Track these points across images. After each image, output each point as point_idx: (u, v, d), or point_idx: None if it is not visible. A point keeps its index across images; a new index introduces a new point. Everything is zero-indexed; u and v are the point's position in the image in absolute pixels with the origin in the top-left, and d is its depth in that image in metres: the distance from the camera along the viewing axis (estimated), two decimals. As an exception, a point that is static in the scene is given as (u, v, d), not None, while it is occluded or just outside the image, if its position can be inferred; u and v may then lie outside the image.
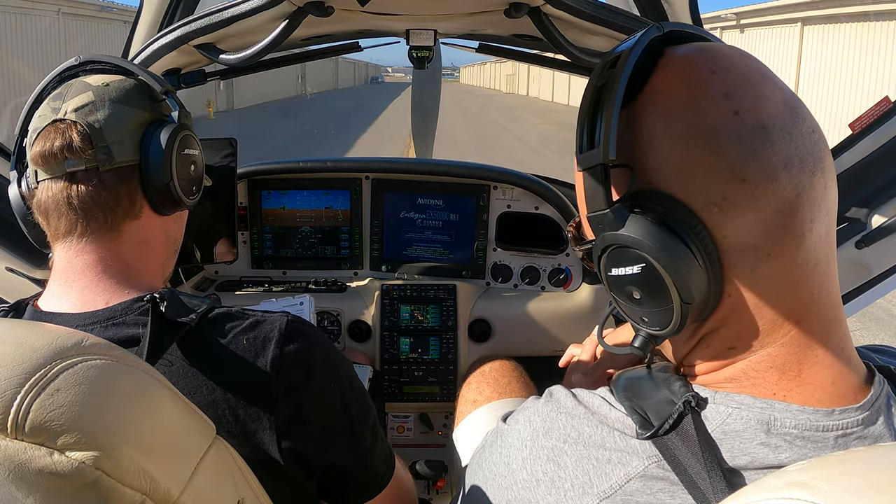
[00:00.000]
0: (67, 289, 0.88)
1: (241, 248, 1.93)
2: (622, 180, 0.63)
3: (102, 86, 0.92)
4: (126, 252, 0.92)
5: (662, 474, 0.60)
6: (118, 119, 0.90)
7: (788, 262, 0.59)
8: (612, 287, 0.65)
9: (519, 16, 1.05)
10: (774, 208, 0.58)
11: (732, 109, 0.58)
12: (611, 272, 0.64)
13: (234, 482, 0.72)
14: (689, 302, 0.60)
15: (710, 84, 0.60)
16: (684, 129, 0.59)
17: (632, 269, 0.61)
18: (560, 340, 1.88)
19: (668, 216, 0.59)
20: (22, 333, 0.59)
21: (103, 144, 0.88)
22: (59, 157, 0.87)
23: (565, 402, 0.70)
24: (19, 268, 1.43)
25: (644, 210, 0.60)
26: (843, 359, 0.62)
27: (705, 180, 0.58)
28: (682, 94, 0.60)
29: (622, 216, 0.60)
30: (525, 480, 0.68)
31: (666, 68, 0.62)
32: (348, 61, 67.50)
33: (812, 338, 0.61)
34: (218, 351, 0.86)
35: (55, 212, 0.88)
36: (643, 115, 0.62)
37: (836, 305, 0.63)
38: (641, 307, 0.63)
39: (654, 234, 0.58)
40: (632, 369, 0.71)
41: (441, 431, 1.96)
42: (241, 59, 1.17)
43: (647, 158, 0.61)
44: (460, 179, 1.91)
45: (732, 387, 0.63)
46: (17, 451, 0.54)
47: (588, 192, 0.62)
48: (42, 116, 0.90)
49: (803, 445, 0.59)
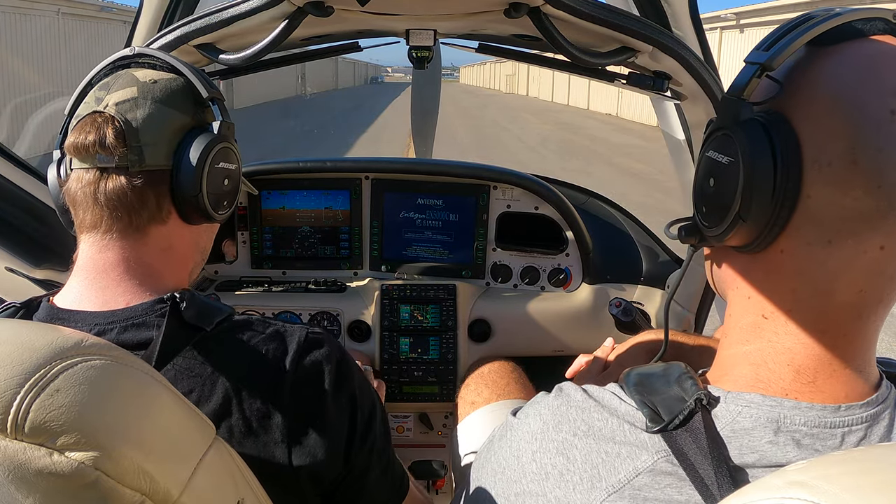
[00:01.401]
0: (88, 286, 0.87)
1: (240, 248, 1.94)
2: (767, 89, 0.64)
3: (149, 82, 0.89)
4: (150, 255, 0.90)
5: (671, 469, 0.61)
6: (157, 120, 0.88)
7: (839, 264, 0.60)
8: (699, 167, 0.69)
9: (518, 16, 1.05)
10: (859, 209, 0.58)
11: (891, 108, 0.57)
12: (708, 152, 0.67)
13: (234, 482, 0.72)
14: (743, 218, 0.61)
15: (892, 78, 0.59)
16: (843, 91, 0.59)
17: (722, 158, 0.64)
18: (560, 340, 1.88)
19: (779, 142, 0.60)
20: (21, 333, 0.59)
21: (136, 144, 0.86)
22: (91, 150, 0.85)
23: (575, 396, 0.70)
24: (19, 268, 1.43)
25: (764, 123, 0.61)
26: (861, 376, 0.62)
27: (827, 139, 0.59)
28: (864, 68, 0.60)
29: (745, 113, 0.63)
30: (534, 473, 0.68)
31: (870, 44, 0.61)
32: (348, 61, 67.49)
33: (834, 354, 0.61)
34: (234, 359, 0.85)
35: (82, 203, 0.87)
36: (822, 62, 0.62)
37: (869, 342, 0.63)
38: (707, 197, 0.67)
39: (759, 144, 0.60)
40: (643, 366, 0.71)
41: (441, 431, 1.96)
42: (241, 59, 1.17)
43: (799, 91, 0.62)
44: (460, 179, 1.91)
45: (747, 382, 0.64)
46: (16, 451, 0.54)
47: (737, 77, 0.64)
48: (87, 104, 0.89)
49: (811, 444, 0.59)
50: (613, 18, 1.08)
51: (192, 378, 0.83)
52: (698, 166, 0.70)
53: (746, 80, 0.63)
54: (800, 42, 0.61)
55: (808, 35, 0.60)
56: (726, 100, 0.65)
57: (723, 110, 0.66)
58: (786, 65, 0.63)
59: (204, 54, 1.21)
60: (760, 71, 0.62)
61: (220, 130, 0.93)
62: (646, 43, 1.13)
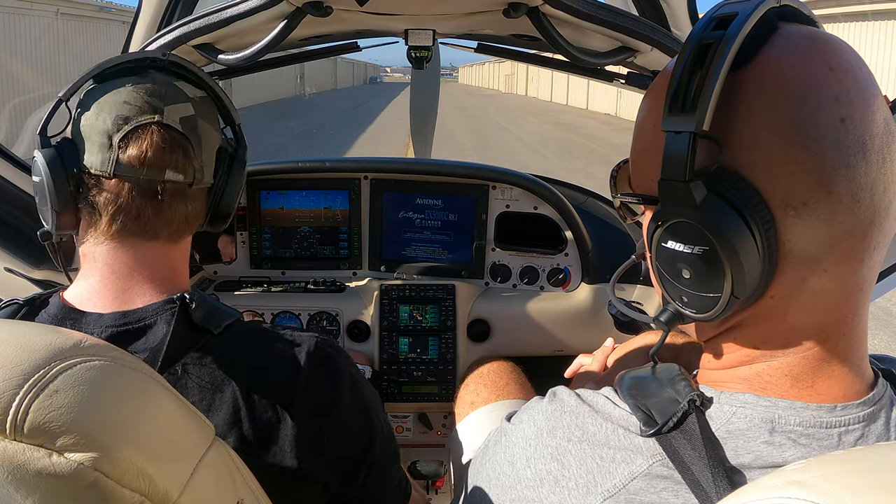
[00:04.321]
0: (109, 286, 0.86)
1: (239, 248, 1.93)
2: (705, 152, 0.57)
3: (199, 99, 0.92)
4: (177, 260, 0.94)
5: (666, 473, 0.60)
6: (208, 139, 0.92)
7: (840, 283, 0.58)
8: (659, 257, 0.62)
9: (517, 16, 1.05)
10: (847, 228, 0.56)
11: (840, 116, 0.54)
12: (666, 243, 0.60)
13: (234, 483, 0.72)
14: (738, 297, 0.58)
15: (826, 81, 0.55)
16: (787, 119, 0.55)
17: (692, 248, 0.58)
18: (559, 340, 1.88)
19: (745, 207, 0.55)
20: (21, 334, 0.59)
21: (199, 165, 0.90)
22: (161, 164, 0.85)
23: (569, 401, 0.70)
24: (19, 268, 1.43)
25: (722, 193, 0.56)
26: (858, 374, 0.62)
27: (792, 179, 0.55)
28: (795, 82, 0.55)
29: (699, 193, 0.56)
30: (529, 479, 0.68)
31: (782, 45, 0.57)
32: (347, 61, 67.45)
33: (834, 356, 0.61)
34: (241, 366, 0.85)
35: (125, 210, 0.85)
36: (746, 90, 0.57)
37: (863, 328, 0.62)
38: (686, 287, 0.61)
39: (727, 222, 0.55)
40: (637, 369, 0.70)
41: (440, 431, 1.96)
42: (240, 59, 1.17)
43: (739, 137, 0.57)
44: (459, 179, 1.91)
45: (741, 387, 0.63)
46: (15, 452, 0.54)
47: (668, 155, 0.57)
48: (136, 107, 0.85)
49: (808, 444, 0.59)
50: (613, 18, 1.08)
51: (201, 388, 0.83)
52: (657, 257, 0.62)
53: (684, 157, 0.55)
54: (719, 84, 0.54)
55: (724, 69, 0.54)
56: (670, 185, 0.58)
57: (669, 197, 0.58)
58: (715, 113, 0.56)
59: (203, 54, 1.21)
60: (691, 140, 0.55)
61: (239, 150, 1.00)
62: (645, 43, 1.13)
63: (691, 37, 0.58)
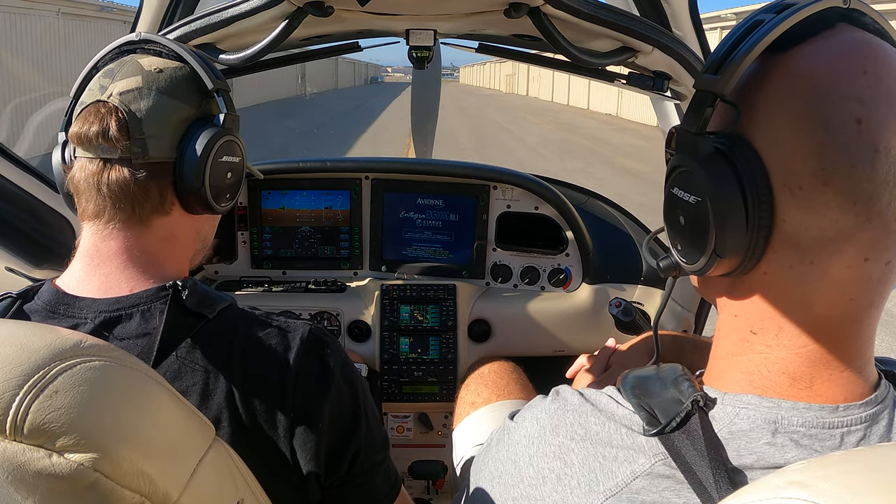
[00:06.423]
0: (91, 272, 0.87)
1: (240, 248, 1.94)
2: (724, 115, 0.61)
3: (154, 71, 0.88)
4: (153, 244, 0.90)
5: (668, 472, 0.60)
6: (162, 111, 0.87)
7: (825, 282, 0.58)
8: (666, 201, 0.67)
9: (518, 16, 1.05)
10: (839, 228, 0.56)
11: (858, 116, 0.55)
12: (672, 189, 0.65)
13: (234, 483, 0.72)
14: (720, 255, 0.60)
15: (855, 82, 0.56)
16: (805, 105, 0.57)
17: (688, 196, 0.62)
18: (560, 340, 1.88)
19: (744, 172, 0.58)
20: (20, 334, 0.59)
21: (140, 137, 0.85)
22: (95, 141, 0.84)
23: (572, 400, 0.70)
24: (19, 268, 1.43)
25: (727, 154, 0.59)
26: (859, 376, 0.62)
27: (794, 161, 0.57)
28: (823, 75, 0.57)
29: (705, 147, 0.60)
30: (531, 478, 0.68)
31: (827, 41, 0.58)
32: (348, 61, 67.47)
33: (832, 358, 0.61)
34: (235, 350, 0.85)
35: (86, 192, 0.87)
36: (778, 71, 0.59)
37: (866, 336, 0.62)
38: (680, 235, 0.65)
39: (722, 180, 0.58)
40: (640, 368, 0.71)
41: (441, 431, 1.96)
42: (241, 59, 1.17)
43: (757, 111, 0.59)
44: (460, 179, 1.91)
45: (742, 385, 0.63)
46: (15, 452, 0.54)
47: (690, 108, 0.62)
48: (91, 91, 0.88)
49: (810, 444, 0.59)
50: (613, 18, 1.08)
51: (195, 371, 0.83)
52: (666, 201, 0.67)
53: (701, 112, 0.60)
54: (751, 56, 0.58)
55: (760, 46, 0.57)
56: (683, 134, 0.62)
57: (680, 146, 0.63)
58: (741, 81, 0.60)
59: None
60: (713, 99, 0.59)
61: (225, 123, 0.93)
62: (646, 43, 1.13)
63: (754, 12, 0.62)
